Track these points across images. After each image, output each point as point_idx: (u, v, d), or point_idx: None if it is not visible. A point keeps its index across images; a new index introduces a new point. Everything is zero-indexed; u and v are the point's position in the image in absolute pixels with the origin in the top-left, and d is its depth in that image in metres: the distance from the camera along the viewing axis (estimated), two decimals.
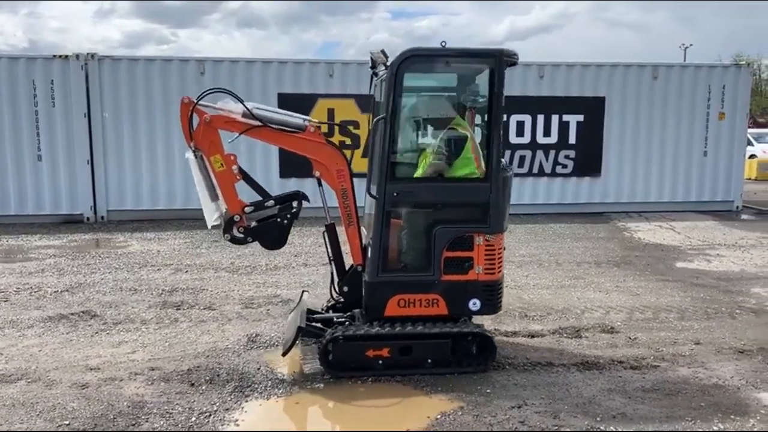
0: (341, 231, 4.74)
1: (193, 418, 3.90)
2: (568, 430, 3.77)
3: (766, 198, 14.50)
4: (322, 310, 5.19)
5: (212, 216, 4.63)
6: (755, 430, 3.80)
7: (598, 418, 3.92)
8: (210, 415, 3.95)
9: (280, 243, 4.72)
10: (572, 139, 12.20)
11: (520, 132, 11.98)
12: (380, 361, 4.47)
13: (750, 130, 20.66)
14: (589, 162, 12.29)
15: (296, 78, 11.35)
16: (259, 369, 4.67)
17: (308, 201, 4.76)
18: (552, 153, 12.20)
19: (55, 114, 10.91)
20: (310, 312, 5.02)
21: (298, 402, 4.20)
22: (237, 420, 3.90)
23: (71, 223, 10.97)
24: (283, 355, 4.58)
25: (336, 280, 4.91)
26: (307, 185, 11.22)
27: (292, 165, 11.21)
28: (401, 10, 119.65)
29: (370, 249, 4.55)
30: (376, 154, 4.55)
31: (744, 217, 12.24)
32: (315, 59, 11.73)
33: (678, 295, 6.69)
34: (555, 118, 12.11)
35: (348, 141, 11.35)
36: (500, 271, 4.63)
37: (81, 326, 5.64)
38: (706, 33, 76.52)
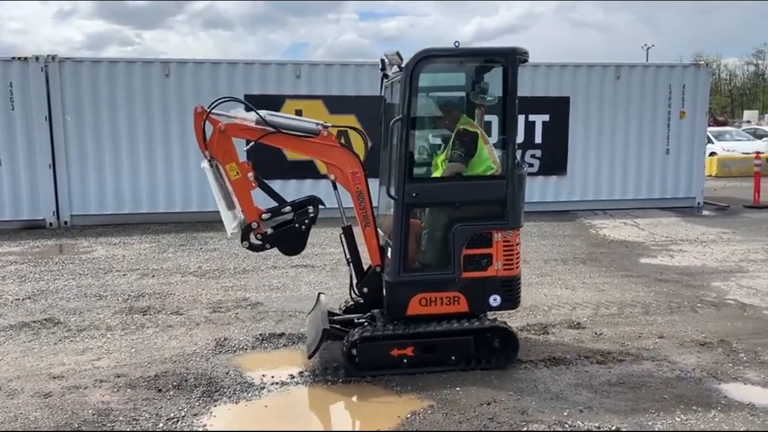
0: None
1: (161, 425, 3.84)
2: (535, 426, 3.82)
3: (726, 194, 14.87)
4: (340, 311, 5.23)
5: (231, 224, 4.66)
6: (716, 420, 3.91)
7: (565, 413, 3.98)
8: (177, 420, 3.90)
9: (299, 248, 4.76)
10: (538, 139, 12.37)
11: (487, 132, 12.06)
12: (405, 360, 4.52)
13: (710, 129, 21.20)
14: (555, 161, 12.46)
15: (263, 79, 11.27)
16: (227, 373, 4.63)
17: (324, 205, 4.78)
18: (518, 152, 12.29)
19: (15, 117, 10.63)
20: (329, 314, 5.04)
21: (267, 405, 4.17)
22: (205, 425, 3.86)
23: (33, 228, 10.70)
24: (309, 357, 4.61)
25: (354, 281, 4.94)
26: (274, 187, 11.14)
27: (260, 167, 11.08)
28: (369, 11, 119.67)
29: (390, 249, 4.58)
30: (393, 155, 4.59)
31: (705, 213, 12.53)
32: (282, 60, 11.68)
33: (642, 291, 6.82)
34: (521, 118, 12.24)
35: None
36: (518, 267, 4.72)
37: (44, 334, 5.51)
38: (667, 34, 78.40)
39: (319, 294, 5.53)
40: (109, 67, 10.91)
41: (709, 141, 19.31)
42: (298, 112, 11.16)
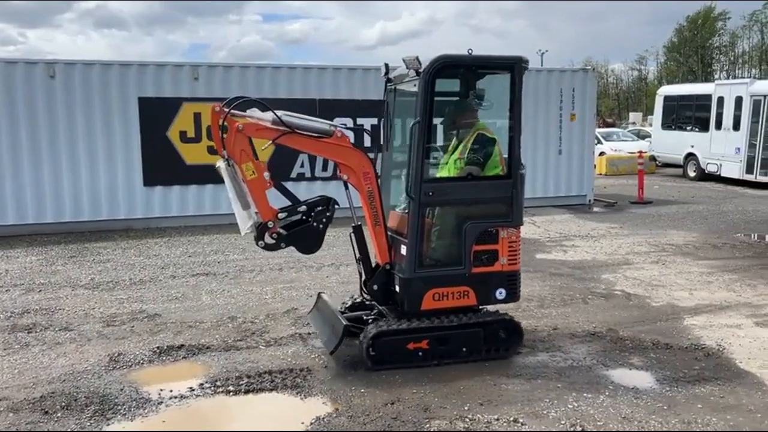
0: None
1: None
2: (437, 422, 3.90)
3: (614, 191, 15.81)
4: (343, 309, 5.29)
5: (246, 224, 4.65)
6: (604, 405, 4.14)
7: (466, 407, 4.09)
8: None
9: (316, 247, 4.86)
10: (440, 141, 12.61)
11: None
12: (420, 353, 4.68)
13: (599, 130, 22.53)
14: None
15: (159, 81, 10.81)
16: (122, 390, 4.41)
17: (338, 205, 4.88)
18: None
19: None
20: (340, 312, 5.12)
21: (165, 420, 4.01)
22: None
23: None
24: (332, 353, 4.73)
25: (364, 279, 5.08)
26: (173, 193, 10.82)
27: (158, 173, 10.71)
28: (272, 13, 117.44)
29: (404, 247, 4.74)
30: (412, 156, 4.72)
31: (595, 209, 13.27)
32: (179, 62, 11.25)
33: (538, 285, 7.13)
34: None
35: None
36: (519, 262, 4.98)
37: None
38: (559, 40, 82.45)
39: (320, 293, 5.57)
40: None
41: (599, 142, 20.51)
42: (197, 116, 10.85)
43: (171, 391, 4.39)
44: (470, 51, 4.68)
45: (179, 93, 10.86)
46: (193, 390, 4.40)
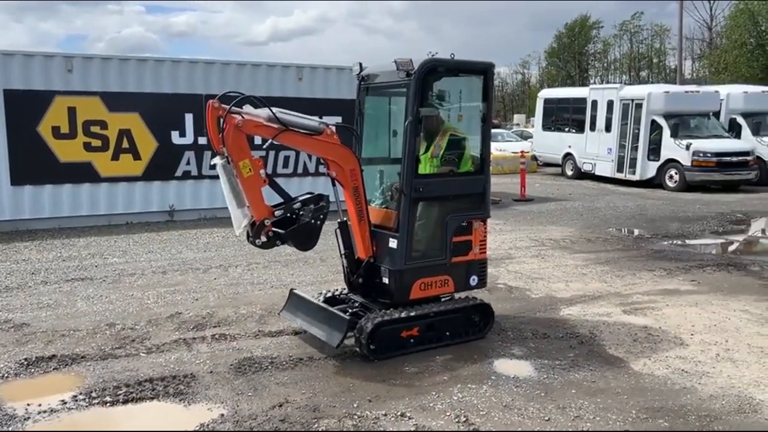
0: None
1: None
2: (326, 422, 3.89)
3: (498, 189, 16.39)
4: (319, 301, 5.30)
5: (241, 222, 4.59)
6: (486, 395, 4.30)
7: (355, 404, 4.11)
8: None
9: (313, 243, 4.89)
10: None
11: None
12: (411, 340, 4.94)
13: None
14: None
15: (27, 73, 9.97)
16: None
17: (329, 202, 4.96)
18: None
19: None
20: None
21: None
22: None
23: None
24: (337, 347, 4.72)
25: (348, 273, 5.21)
26: (45, 193, 10.06)
27: (27, 171, 9.92)
28: (157, 4, 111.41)
29: (392, 240, 4.96)
30: (404, 153, 4.89)
31: None
32: (50, 52, 10.45)
33: None
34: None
35: (95, 143, 10.38)
36: (486, 250, 5.41)
37: None
38: (449, 43, 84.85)
39: (292, 290, 5.62)
40: None
41: None
42: (72, 110, 10.17)
43: (40, 405, 4.08)
44: (452, 55, 5.00)
45: (51, 86, 10.11)
46: (66, 403, 4.12)
